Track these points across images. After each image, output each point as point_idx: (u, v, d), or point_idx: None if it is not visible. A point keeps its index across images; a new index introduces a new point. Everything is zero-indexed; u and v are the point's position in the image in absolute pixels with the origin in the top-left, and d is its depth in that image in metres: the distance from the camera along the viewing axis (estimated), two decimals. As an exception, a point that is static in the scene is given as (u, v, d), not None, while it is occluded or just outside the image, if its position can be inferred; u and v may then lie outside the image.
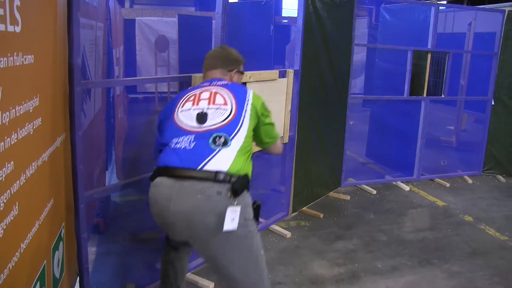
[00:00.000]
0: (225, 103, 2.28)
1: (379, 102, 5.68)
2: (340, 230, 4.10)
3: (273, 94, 3.67)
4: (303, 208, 4.43)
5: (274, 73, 3.68)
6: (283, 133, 3.85)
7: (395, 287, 3.23)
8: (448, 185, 5.45)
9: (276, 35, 7.20)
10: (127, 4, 12.05)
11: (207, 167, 2.06)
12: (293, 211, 4.29)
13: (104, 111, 4.11)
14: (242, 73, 2.66)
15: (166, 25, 11.00)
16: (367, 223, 4.28)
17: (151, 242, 3.66)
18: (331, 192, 4.92)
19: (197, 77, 2.87)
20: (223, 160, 2.09)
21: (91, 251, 3.32)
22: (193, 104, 2.30)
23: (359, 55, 10.59)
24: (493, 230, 4.32)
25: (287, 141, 3.93)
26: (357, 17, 4.95)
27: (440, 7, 5.49)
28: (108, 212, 4.06)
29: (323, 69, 4.36)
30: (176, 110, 2.33)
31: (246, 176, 2.13)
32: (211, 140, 2.14)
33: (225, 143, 2.14)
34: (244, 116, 2.27)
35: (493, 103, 5.77)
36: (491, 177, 5.92)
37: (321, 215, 4.33)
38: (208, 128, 2.19)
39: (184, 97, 2.37)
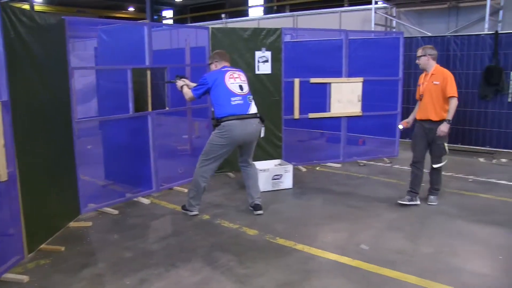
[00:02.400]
0: (245, 80, 4.93)
1: (109, 122, 5.69)
2: (84, 258, 3.97)
3: (-20, 130, 3.33)
4: (42, 246, 4.12)
5: (-23, 107, 3.34)
6: (0, 170, 3.53)
7: (143, 298, 3.31)
8: (185, 190, 5.80)
9: None
10: None
11: (250, 112, 4.78)
12: (30, 252, 3.95)
13: None
14: None
15: None
16: (112, 244, 4.25)
17: None
18: (71, 222, 4.72)
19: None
20: (254, 108, 4.84)
21: None
22: (234, 80, 4.81)
23: (89, 78, 10.42)
24: (227, 222, 4.82)
25: (6, 178, 3.60)
26: (85, 39, 4.87)
27: (154, 28, 5.80)
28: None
29: (39, 96, 4.13)
30: (226, 82, 4.74)
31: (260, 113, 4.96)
32: (248, 99, 4.82)
33: (251, 100, 4.85)
34: (248, 85, 4.97)
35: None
36: (223, 176, 6.58)
37: (63, 248, 4.12)
38: (245, 93, 4.82)
39: (226, 75, 4.80)
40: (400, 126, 5.70)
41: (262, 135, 4.99)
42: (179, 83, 5.26)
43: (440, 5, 12.03)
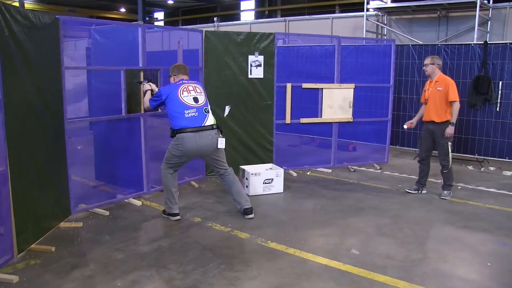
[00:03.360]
0: (201, 92, 4.93)
1: (100, 123, 5.67)
2: (75, 259, 3.95)
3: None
4: (32, 246, 4.08)
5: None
6: (-8, 169, 3.50)
7: (135, 300, 3.30)
8: (177, 192, 5.79)
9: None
10: None
11: (206, 124, 4.76)
12: (20, 252, 3.91)
13: None
14: None
15: None
16: (103, 246, 4.24)
17: None
18: (62, 223, 4.68)
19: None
20: (211, 119, 4.83)
21: None
22: (188, 93, 4.81)
23: (80, 78, 10.34)
24: (218, 225, 4.82)
25: (-2, 177, 3.58)
26: (76, 39, 4.86)
27: (147, 29, 5.79)
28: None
29: (30, 96, 4.08)
30: (179, 96, 4.76)
31: (219, 124, 4.94)
32: (203, 110, 4.81)
33: (208, 111, 4.85)
34: (206, 96, 4.99)
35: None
36: (214, 179, 6.58)
37: (53, 249, 4.09)
38: (200, 105, 4.81)
39: (180, 88, 4.81)
40: (405, 126, 6.26)
41: (222, 146, 4.88)
42: (146, 86, 5.31)
43: (430, 14, 12.18)
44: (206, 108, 4.85)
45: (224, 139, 4.88)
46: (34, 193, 4.16)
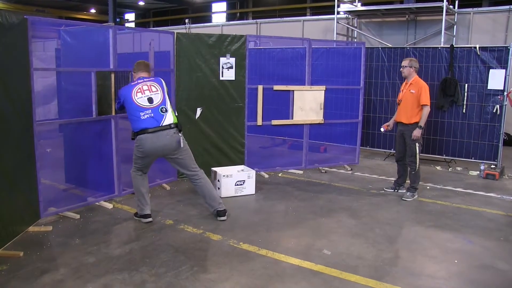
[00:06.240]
0: (157, 90, 4.77)
1: (71, 125, 5.59)
2: (44, 263, 3.87)
3: None
4: (-2, 251, 4.00)
5: None
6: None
7: (106, 304, 3.27)
8: (148, 193, 5.75)
9: None
10: None
11: (164, 123, 4.66)
12: (-14, 258, 3.83)
13: None
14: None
15: None
16: (74, 249, 4.18)
17: None
18: (31, 227, 4.59)
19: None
20: (169, 118, 4.71)
21: None
22: (142, 93, 4.70)
23: (49, 79, 10.15)
24: (190, 227, 4.82)
25: (-36, 181, 3.49)
26: (44, 40, 4.78)
27: (118, 30, 5.72)
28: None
29: (-2, 97, 4.02)
30: (133, 98, 4.67)
31: (179, 122, 4.84)
32: (159, 110, 4.69)
33: (165, 110, 4.72)
34: (165, 94, 4.81)
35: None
36: (186, 181, 6.56)
37: (21, 254, 4.00)
38: (155, 105, 4.70)
39: (134, 90, 4.70)
40: (382, 129, 6.36)
41: (181, 145, 4.77)
42: None
43: (399, 18, 12.43)
44: (162, 108, 4.71)
45: (182, 137, 4.79)
46: (1, 197, 4.06)
